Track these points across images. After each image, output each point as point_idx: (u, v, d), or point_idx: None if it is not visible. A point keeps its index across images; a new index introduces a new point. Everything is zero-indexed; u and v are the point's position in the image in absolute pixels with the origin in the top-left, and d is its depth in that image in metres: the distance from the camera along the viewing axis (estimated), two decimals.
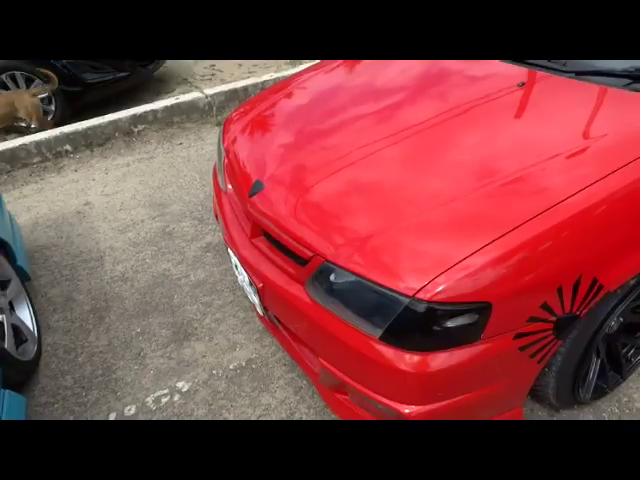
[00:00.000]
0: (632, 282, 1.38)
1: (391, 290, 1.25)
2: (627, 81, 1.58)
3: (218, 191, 2.16)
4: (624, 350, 1.70)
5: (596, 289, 1.31)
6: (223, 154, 2.09)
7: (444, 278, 1.20)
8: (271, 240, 1.67)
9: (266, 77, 4.26)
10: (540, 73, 1.74)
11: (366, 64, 2.24)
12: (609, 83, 1.60)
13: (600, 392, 1.72)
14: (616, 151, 1.36)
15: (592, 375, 1.64)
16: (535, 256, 1.23)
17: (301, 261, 1.50)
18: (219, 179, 2.15)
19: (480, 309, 1.23)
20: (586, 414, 1.75)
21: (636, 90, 1.55)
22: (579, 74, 1.67)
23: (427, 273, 1.22)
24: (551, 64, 1.74)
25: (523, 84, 1.71)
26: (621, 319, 1.54)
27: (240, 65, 5.19)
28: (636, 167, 1.31)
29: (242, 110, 2.23)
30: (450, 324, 1.23)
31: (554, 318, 1.31)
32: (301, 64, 4.61)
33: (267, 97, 2.25)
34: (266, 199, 1.65)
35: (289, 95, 2.21)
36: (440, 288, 1.20)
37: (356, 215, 1.45)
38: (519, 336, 1.30)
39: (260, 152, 1.88)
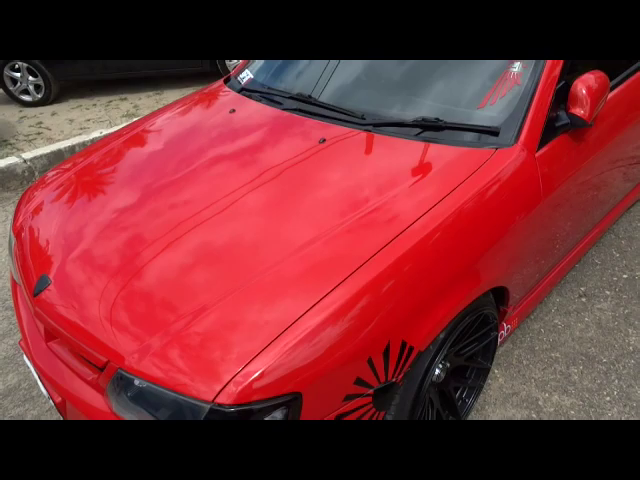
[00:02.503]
0: (442, 336, 1.37)
1: (189, 397, 1.09)
2: (418, 130, 1.63)
3: (14, 282, 1.85)
4: (457, 393, 1.71)
5: (407, 352, 1.27)
6: (13, 240, 1.80)
7: (242, 376, 1.07)
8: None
9: (95, 134, 3.95)
10: (339, 127, 1.73)
11: (196, 111, 2.15)
12: (402, 132, 1.64)
13: None
14: (404, 209, 1.36)
15: None
16: (339, 333, 1.16)
17: (98, 368, 1.29)
18: (12, 269, 1.84)
19: (289, 402, 1.11)
20: None
21: (425, 139, 1.59)
22: (376, 126, 1.69)
23: (225, 372, 1.09)
24: (350, 118, 1.75)
25: (324, 140, 1.69)
26: (447, 364, 1.53)
27: (71, 121, 4.79)
28: (425, 224, 1.31)
29: (49, 176, 1.97)
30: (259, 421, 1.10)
31: (371, 391, 1.24)
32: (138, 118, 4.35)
33: (79, 159, 2.02)
34: (53, 296, 1.42)
35: (112, 152, 2.00)
36: (240, 388, 1.07)
37: (160, 305, 1.28)
38: (340, 417, 1.21)
39: (61, 231, 1.63)
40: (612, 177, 2.04)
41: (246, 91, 2.15)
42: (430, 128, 1.62)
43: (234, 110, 2.02)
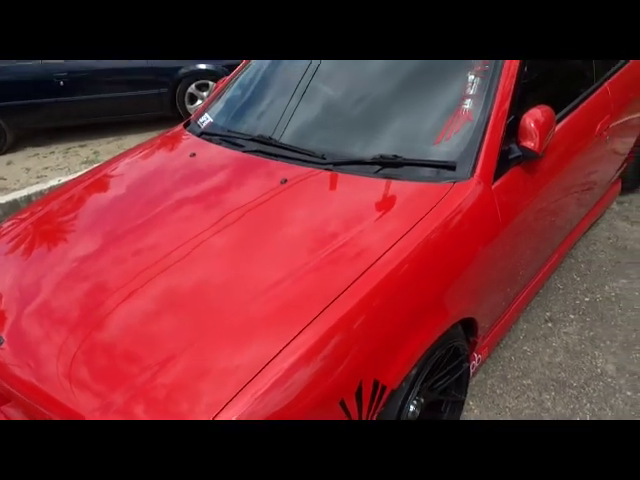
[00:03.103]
0: (414, 372, 1.36)
1: None
2: (377, 167, 1.66)
3: None
4: None
5: (380, 392, 1.25)
6: None
7: None
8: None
9: (53, 182, 3.86)
10: (300, 168, 1.75)
11: (157, 155, 2.14)
12: (362, 170, 1.67)
13: None
14: (370, 244, 1.37)
15: None
16: (311, 375, 1.13)
17: None
18: None
19: None
20: None
21: (385, 176, 1.62)
22: (337, 165, 1.72)
23: None
24: (311, 158, 1.77)
25: (285, 181, 1.70)
26: (422, 400, 1.51)
27: (28, 170, 4.68)
28: (391, 258, 1.32)
29: (4, 227, 1.92)
30: None
31: None
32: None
33: (37, 208, 1.96)
34: (6, 356, 1.34)
35: (73, 199, 1.96)
36: None
37: (123, 357, 1.24)
38: None
39: (16, 285, 1.56)
40: (566, 204, 2.12)
41: (206, 135, 2.15)
42: (389, 165, 1.65)
43: (194, 154, 2.01)
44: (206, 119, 2.29)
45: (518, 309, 2.05)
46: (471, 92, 1.71)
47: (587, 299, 2.32)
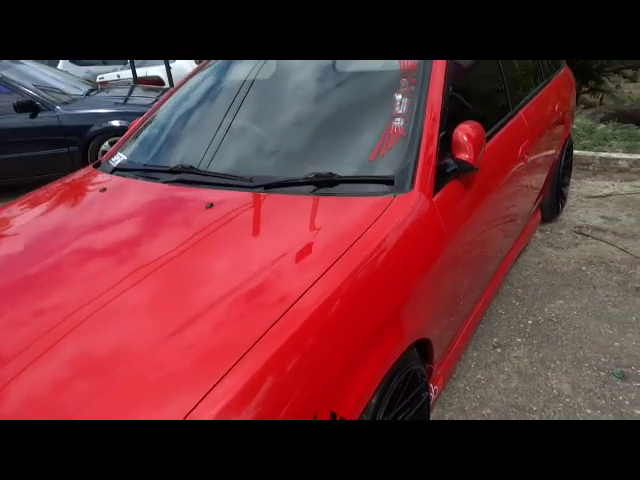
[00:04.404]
0: (374, 401, 1.18)
1: None
2: (312, 188, 1.54)
3: None
4: None
5: None
6: None
7: None
8: None
9: None
10: (227, 192, 1.60)
11: (60, 198, 1.88)
12: (298, 192, 1.54)
13: None
14: (299, 274, 1.22)
15: None
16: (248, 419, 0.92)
17: None
18: None
19: None
20: None
21: (321, 194, 1.50)
22: (267, 187, 1.58)
23: None
24: (239, 182, 1.63)
25: (211, 205, 1.53)
26: None
27: None
28: (328, 284, 1.17)
29: None
30: None
31: None
32: None
33: None
34: None
35: None
36: None
37: None
38: None
39: None
40: (502, 217, 2.11)
41: (120, 171, 1.95)
42: (324, 184, 1.54)
43: (105, 189, 1.80)
44: (119, 157, 2.09)
45: (466, 336, 1.95)
46: (400, 111, 1.68)
47: (530, 322, 2.28)
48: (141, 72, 7.02)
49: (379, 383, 1.18)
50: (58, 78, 5.40)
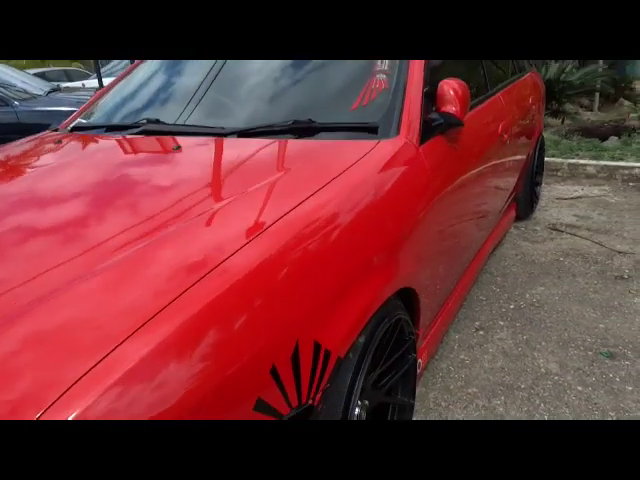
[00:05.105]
0: (362, 340, 1.04)
1: None
2: (291, 137, 1.43)
3: None
4: None
5: (323, 358, 0.91)
6: None
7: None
8: None
9: None
10: (196, 138, 1.46)
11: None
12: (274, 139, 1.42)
13: None
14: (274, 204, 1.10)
15: None
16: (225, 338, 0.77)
17: None
18: None
19: None
20: None
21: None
22: (241, 134, 1.46)
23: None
24: (210, 130, 1.50)
25: (178, 147, 1.39)
26: (366, 402, 1.17)
27: None
28: (312, 211, 1.04)
29: None
30: None
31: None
32: None
33: None
34: None
35: None
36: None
37: None
38: None
39: None
40: (484, 185, 2.04)
41: (78, 129, 1.79)
42: (303, 132, 1.43)
43: (60, 141, 1.63)
44: (79, 122, 1.93)
45: (447, 318, 1.84)
46: (384, 67, 1.60)
47: (512, 306, 2.19)
48: (108, 81, 6.84)
49: (366, 322, 1.04)
50: (20, 78, 5.19)
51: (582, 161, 3.98)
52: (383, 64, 1.62)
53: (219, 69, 1.72)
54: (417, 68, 1.57)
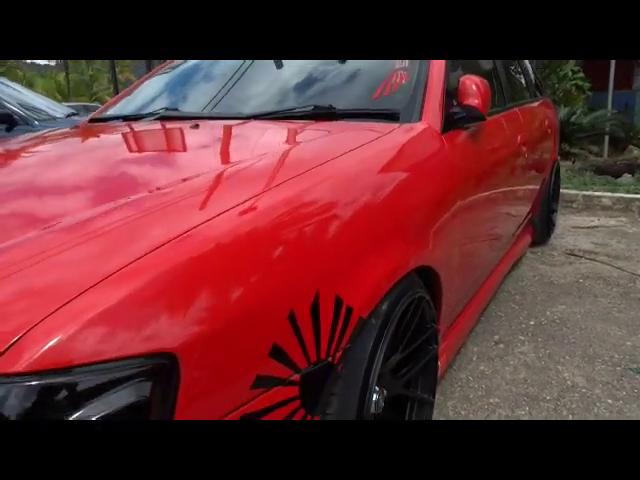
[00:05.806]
0: (384, 307, 0.96)
1: None
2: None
3: None
4: None
5: (344, 314, 0.84)
6: None
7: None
8: None
9: None
10: (215, 121, 1.45)
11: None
12: None
13: None
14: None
15: None
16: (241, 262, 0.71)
17: None
18: None
19: (153, 371, 0.59)
20: None
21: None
22: (258, 117, 1.44)
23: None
24: (227, 114, 1.48)
25: (197, 126, 1.37)
26: (384, 391, 1.08)
27: None
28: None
29: None
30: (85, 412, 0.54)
31: (296, 376, 0.75)
32: None
33: None
34: None
35: None
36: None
37: None
38: (248, 417, 0.68)
39: None
40: (507, 192, 1.99)
41: (97, 120, 1.79)
42: (323, 118, 1.41)
43: (78, 127, 1.62)
44: (96, 116, 1.93)
45: (466, 327, 1.76)
46: (405, 62, 1.59)
47: (532, 322, 2.09)
48: None
49: (389, 287, 0.97)
50: (46, 104, 5.33)
51: (597, 193, 3.94)
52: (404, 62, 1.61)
53: (245, 67, 1.72)
54: (438, 62, 1.57)
